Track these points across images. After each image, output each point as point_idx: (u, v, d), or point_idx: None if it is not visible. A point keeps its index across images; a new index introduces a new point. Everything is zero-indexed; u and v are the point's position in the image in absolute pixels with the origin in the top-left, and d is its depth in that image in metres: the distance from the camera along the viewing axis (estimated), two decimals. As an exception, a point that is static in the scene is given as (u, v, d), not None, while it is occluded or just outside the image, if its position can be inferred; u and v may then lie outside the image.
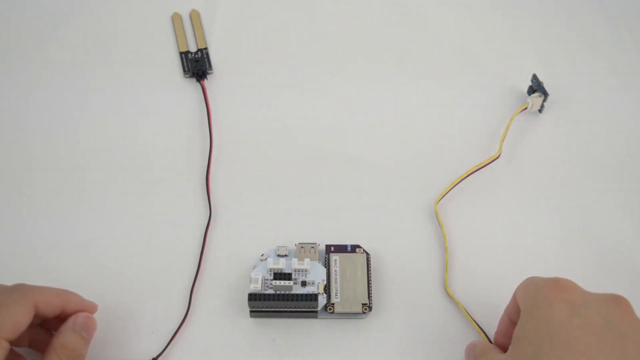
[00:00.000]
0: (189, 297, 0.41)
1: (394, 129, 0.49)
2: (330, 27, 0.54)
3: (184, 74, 0.51)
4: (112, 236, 0.44)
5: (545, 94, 0.49)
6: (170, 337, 0.40)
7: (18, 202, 0.45)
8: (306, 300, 0.39)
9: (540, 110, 0.50)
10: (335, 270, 0.41)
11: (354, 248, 0.42)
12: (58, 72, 0.50)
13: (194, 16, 0.53)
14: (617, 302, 0.31)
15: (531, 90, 0.50)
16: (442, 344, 0.40)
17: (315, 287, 0.40)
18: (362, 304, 0.40)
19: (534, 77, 0.49)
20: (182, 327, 0.40)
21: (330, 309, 0.40)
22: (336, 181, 0.47)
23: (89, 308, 0.37)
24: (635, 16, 0.55)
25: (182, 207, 0.45)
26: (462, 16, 0.55)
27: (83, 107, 0.49)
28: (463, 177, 0.45)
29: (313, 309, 0.39)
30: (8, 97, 0.49)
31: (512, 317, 0.36)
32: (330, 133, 0.49)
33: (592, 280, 0.43)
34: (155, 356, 0.39)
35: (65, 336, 0.35)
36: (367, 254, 0.42)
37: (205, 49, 0.52)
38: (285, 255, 0.41)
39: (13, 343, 0.33)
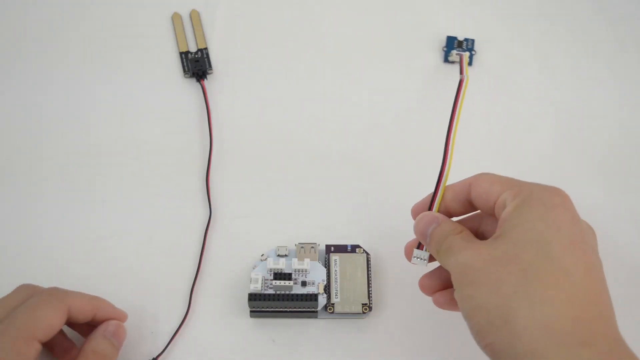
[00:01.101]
0: (189, 297, 0.41)
1: (395, 128, 0.49)
2: (330, 27, 0.54)
3: (184, 74, 0.51)
4: (112, 236, 0.44)
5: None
6: (171, 337, 0.40)
7: (17, 202, 0.45)
8: (306, 300, 0.39)
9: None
10: (335, 270, 0.41)
11: (354, 248, 0.42)
12: (58, 72, 0.50)
13: (194, 16, 0.53)
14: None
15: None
16: (442, 344, 0.40)
17: (315, 287, 0.40)
18: (362, 304, 0.40)
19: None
20: (182, 327, 0.40)
21: (330, 309, 0.40)
22: (336, 181, 0.47)
23: (119, 316, 0.38)
24: (635, 16, 0.55)
25: (182, 207, 0.45)
26: (462, 16, 0.55)
27: (83, 106, 0.49)
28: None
29: (313, 309, 0.39)
30: (9, 98, 0.49)
31: (450, 202, 0.35)
32: (330, 133, 0.49)
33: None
34: (155, 356, 0.39)
35: (97, 342, 0.36)
36: (367, 254, 0.42)
37: (205, 49, 0.52)
38: (285, 255, 0.41)
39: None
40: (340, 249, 0.42)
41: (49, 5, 0.53)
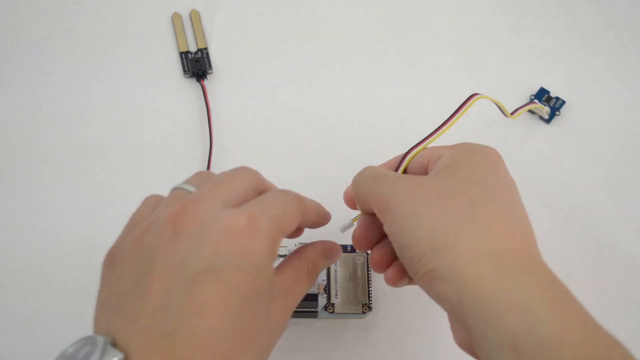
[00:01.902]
0: (189, 297, 0.41)
1: (395, 128, 0.49)
2: (329, 27, 0.54)
3: (184, 74, 0.51)
4: (112, 236, 0.44)
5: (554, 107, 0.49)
6: (170, 337, 0.40)
7: (17, 201, 0.45)
8: (306, 300, 0.39)
9: (548, 121, 0.50)
10: (335, 270, 0.41)
11: (354, 248, 0.42)
12: (57, 72, 0.50)
13: (194, 16, 0.53)
14: None
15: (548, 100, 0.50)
16: (442, 344, 0.40)
17: (315, 287, 0.40)
18: (362, 304, 0.40)
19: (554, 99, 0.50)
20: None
21: (330, 309, 0.40)
22: (337, 180, 0.47)
23: (329, 218, 0.36)
24: (635, 16, 0.55)
25: (182, 207, 0.45)
26: (462, 17, 0.55)
27: (83, 106, 0.49)
28: None
29: (313, 309, 0.39)
30: (10, 97, 0.49)
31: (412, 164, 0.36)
32: (330, 132, 0.49)
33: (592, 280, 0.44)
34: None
35: (319, 260, 0.34)
36: (367, 253, 0.42)
37: (205, 49, 0.52)
38: (285, 255, 0.41)
39: None
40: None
41: (49, 5, 0.53)
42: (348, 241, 0.43)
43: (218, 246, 0.27)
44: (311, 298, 0.39)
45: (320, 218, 0.35)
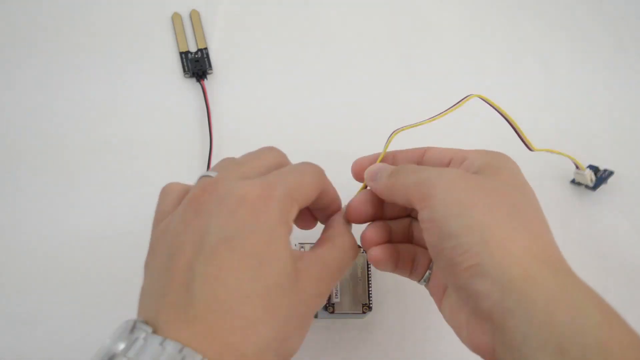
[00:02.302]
0: (189, 297, 0.41)
1: (395, 128, 0.49)
2: (329, 27, 0.54)
3: (184, 74, 0.51)
4: (112, 236, 0.44)
5: (592, 187, 0.46)
6: (170, 337, 0.40)
7: (16, 201, 0.45)
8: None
9: (593, 188, 0.47)
10: (335, 271, 0.41)
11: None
12: (57, 71, 0.50)
13: (194, 16, 0.53)
14: None
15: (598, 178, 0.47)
16: (442, 344, 0.40)
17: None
18: (362, 304, 0.40)
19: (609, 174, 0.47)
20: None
21: (330, 309, 0.40)
22: (337, 180, 0.47)
23: (339, 209, 0.36)
24: (635, 16, 0.55)
25: (182, 207, 0.45)
26: (463, 16, 0.55)
27: (82, 106, 0.49)
28: None
29: (313, 309, 0.39)
30: (11, 97, 0.49)
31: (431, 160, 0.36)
32: (330, 132, 0.49)
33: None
34: (155, 356, 0.39)
35: (347, 239, 0.34)
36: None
37: (205, 49, 0.52)
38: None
39: None
40: (340, 249, 0.42)
41: (49, 5, 0.53)
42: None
43: (233, 215, 0.28)
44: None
45: (335, 207, 0.35)
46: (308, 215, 0.37)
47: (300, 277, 0.29)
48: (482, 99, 0.38)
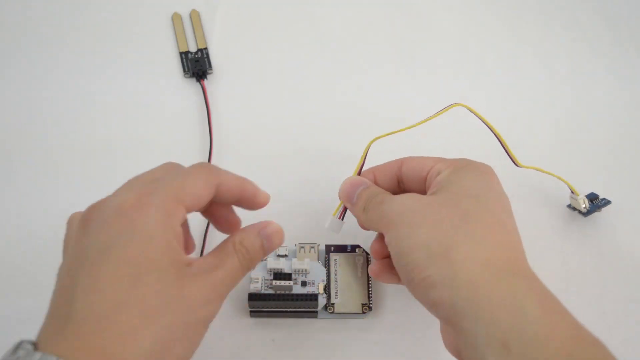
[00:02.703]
0: (189, 297, 0.41)
1: (395, 128, 0.49)
2: (329, 27, 0.54)
3: (184, 74, 0.51)
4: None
5: (585, 213, 0.45)
6: (170, 337, 0.40)
7: (16, 201, 0.45)
8: (306, 300, 0.39)
9: (585, 214, 0.45)
10: (335, 270, 0.41)
11: (354, 248, 0.42)
12: (57, 71, 0.50)
13: (194, 16, 0.53)
14: None
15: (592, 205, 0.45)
16: (442, 344, 0.40)
17: (315, 287, 0.40)
18: (362, 304, 0.40)
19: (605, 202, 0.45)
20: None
21: (330, 309, 0.40)
22: (336, 180, 0.47)
23: (263, 197, 0.35)
24: (635, 16, 0.55)
25: (182, 207, 0.45)
26: (462, 16, 0.55)
27: (82, 106, 0.49)
28: None
29: (313, 309, 0.39)
30: (11, 95, 0.49)
31: (381, 178, 0.38)
32: (330, 132, 0.49)
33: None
34: (155, 356, 0.39)
35: (248, 236, 0.33)
36: (367, 253, 0.42)
37: (205, 49, 0.52)
38: (285, 255, 0.41)
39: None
40: (340, 249, 0.42)
41: (49, 5, 0.53)
42: (348, 241, 0.43)
43: (109, 226, 0.28)
44: (311, 298, 0.39)
45: (248, 194, 0.34)
46: (228, 215, 0.36)
47: (186, 284, 0.29)
48: (466, 108, 0.39)
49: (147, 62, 0.51)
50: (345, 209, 0.40)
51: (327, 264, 0.41)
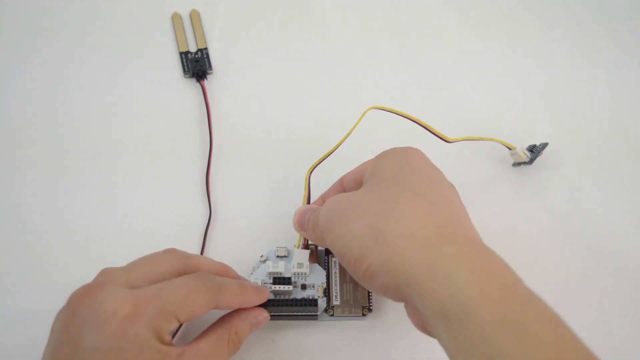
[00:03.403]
0: (189, 299, 0.41)
1: (395, 128, 0.49)
2: (329, 27, 0.54)
3: (184, 74, 0.51)
4: (112, 236, 0.44)
5: (531, 157, 0.47)
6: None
7: (16, 201, 0.45)
8: (306, 305, 0.39)
9: (516, 165, 0.48)
10: (335, 273, 0.41)
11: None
12: (57, 72, 0.50)
13: (194, 16, 0.53)
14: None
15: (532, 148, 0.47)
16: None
17: (315, 290, 0.40)
18: (362, 307, 0.40)
19: (544, 146, 0.47)
20: (182, 328, 0.40)
21: (330, 312, 0.40)
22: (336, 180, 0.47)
23: (260, 311, 0.38)
24: (635, 16, 0.55)
25: (182, 208, 0.45)
26: (462, 16, 0.55)
27: (82, 106, 0.49)
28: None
29: (313, 313, 0.39)
30: (11, 97, 0.49)
31: (348, 183, 0.39)
32: (331, 133, 0.49)
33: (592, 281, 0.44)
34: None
35: (243, 327, 0.36)
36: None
37: (205, 49, 0.52)
38: (285, 257, 0.41)
39: None
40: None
41: (49, 6, 0.53)
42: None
43: (103, 329, 0.30)
44: (311, 303, 0.39)
45: (247, 300, 0.37)
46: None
47: None
48: (380, 109, 0.41)
49: (147, 62, 0.51)
50: (306, 240, 0.41)
51: (326, 267, 0.41)
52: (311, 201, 0.43)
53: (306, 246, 0.41)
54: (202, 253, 0.43)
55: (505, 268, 0.29)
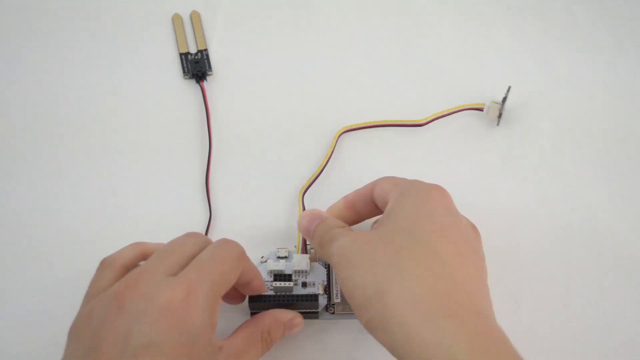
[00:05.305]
0: (189, 299, 0.41)
1: (395, 133, 0.49)
2: (330, 28, 0.54)
3: (184, 75, 0.51)
4: (112, 237, 0.44)
5: (502, 104, 0.47)
6: (171, 338, 0.40)
7: (15, 202, 0.45)
8: (307, 301, 0.39)
9: (497, 123, 0.49)
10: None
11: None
12: (57, 72, 0.50)
13: (194, 17, 0.53)
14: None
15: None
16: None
17: (316, 287, 0.40)
18: (363, 305, 0.40)
19: (508, 89, 0.48)
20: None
21: (331, 310, 0.40)
22: (338, 182, 0.47)
23: (262, 290, 0.38)
24: (635, 16, 0.55)
25: (182, 208, 0.45)
26: (461, 15, 0.55)
27: (81, 106, 0.49)
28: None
29: (314, 310, 0.39)
30: (10, 94, 0.49)
31: (358, 203, 0.39)
32: (329, 133, 0.49)
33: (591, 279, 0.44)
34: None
35: (277, 327, 0.37)
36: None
37: (205, 50, 0.52)
38: (286, 257, 0.41)
39: None
40: (341, 249, 0.42)
41: (49, 6, 0.53)
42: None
43: (158, 322, 0.29)
44: (312, 299, 0.39)
45: (257, 275, 0.37)
46: (234, 293, 0.38)
47: None
48: (347, 129, 0.47)
49: (147, 63, 0.51)
50: (305, 243, 0.41)
51: (327, 264, 0.41)
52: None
53: (305, 249, 0.41)
54: (202, 254, 0.43)
55: (503, 342, 0.29)
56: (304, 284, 0.40)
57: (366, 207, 0.39)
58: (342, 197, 0.40)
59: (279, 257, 0.41)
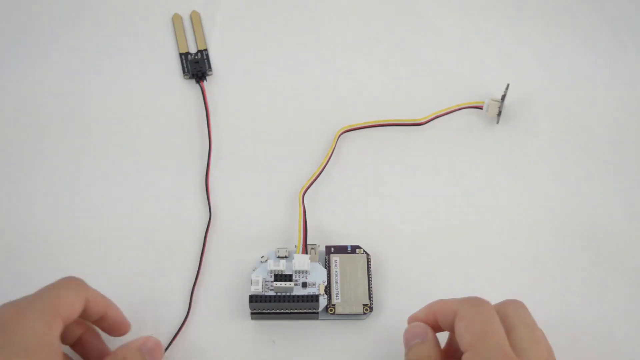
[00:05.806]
0: (189, 299, 0.41)
1: (395, 132, 0.49)
2: (330, 28, 0.54)
3: (184, 75, 0.51)
4: (112, 237, 0.44)
5: (501, 102, 0.48)
6: (171, 339, 0.40)
7: (15, 203, 0.45)
8: (307, 301, 0.39)
9: (497, 121, 0.49)
10: (336, 271, 0.41)
11: (354, 249, 0.42)
12: (57, 72, 0.50)
13: (195, 17, 0.53)
14: None
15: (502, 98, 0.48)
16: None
17: (316, 288, 0.40)
18: (363, 305, 0.40)
19: (507, 87, 0.48)
20: (183, 329, 0.40)
21: (331, 310, 0.40)
22: (338, 184, 0.47)
23: (125, 324, 0.38)
24: (635, 16, 0.55)
25: (182, 209, 0.45)
26: (461, 13, 0.55)
27: (81, 107, 0.49)
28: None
29: (314, 310, 0.39)
30: (8, 98, 0.49)
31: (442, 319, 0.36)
32: (329, 134, 0.49)
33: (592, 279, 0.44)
34: (155, 358, 0.39)
35: (131, 352, 0.35)
36: (367, 254, 0.42)
37: (205, 50, 0.52)
38: (286, 257, 0.41)
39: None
40: (341, 249, 0.42)
41: (48, 6, 0.53)
42: (348, 242, 0.43)
43: None
44: (312, 299, 0.39)
45: (112, 312, 0.37)
46: (100, 345, 0.38)
47: None
48: (348, 129, 0.47)
49: (147, 62, 0.51)
50: (305, 243, 0.41)
51: (327, 265, 0.41)
52: (307, 218, 0.43)
53: (305, 250, 0.41)
54: (202, 254, 0.43)
55: None
56: (304, 284, 0.40)
57: (449, 323, 0.36)
58: (432, 306, 0.37)
59: (279, 257, 0.41)
